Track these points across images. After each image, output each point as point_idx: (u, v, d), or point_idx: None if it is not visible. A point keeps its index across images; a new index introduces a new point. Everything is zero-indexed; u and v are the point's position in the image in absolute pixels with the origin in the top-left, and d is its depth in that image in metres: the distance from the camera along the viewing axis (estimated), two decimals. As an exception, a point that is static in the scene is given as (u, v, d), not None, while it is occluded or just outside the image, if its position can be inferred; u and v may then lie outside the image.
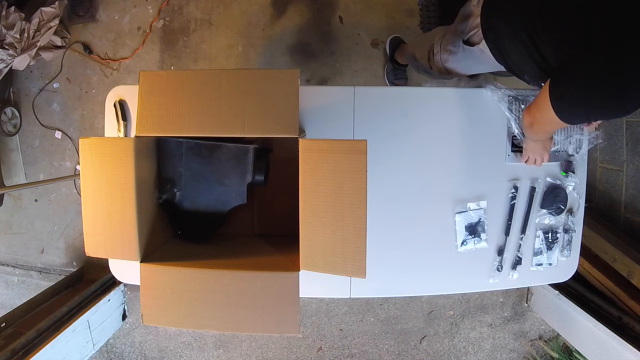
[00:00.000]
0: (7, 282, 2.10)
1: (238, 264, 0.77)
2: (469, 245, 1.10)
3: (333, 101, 1.07)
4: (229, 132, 0.74)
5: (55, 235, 2.03)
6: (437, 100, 1.09)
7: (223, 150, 0.91)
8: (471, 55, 1.03)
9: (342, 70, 1.88)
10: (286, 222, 1.00)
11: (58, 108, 1.96)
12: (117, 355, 2.08)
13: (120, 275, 1.09)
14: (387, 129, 1.08)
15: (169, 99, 0.75)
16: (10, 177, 1.97)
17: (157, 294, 0.77)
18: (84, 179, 0.78)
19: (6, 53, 1.56)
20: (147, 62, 1.91)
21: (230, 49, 1.89)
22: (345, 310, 2.02)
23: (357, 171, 0.70)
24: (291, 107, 0.74)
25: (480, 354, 2.05)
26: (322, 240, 0.72)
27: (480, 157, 1.10)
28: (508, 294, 2.02)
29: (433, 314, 2.03)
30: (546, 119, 0.78)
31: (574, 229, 1.12)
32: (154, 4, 1.89)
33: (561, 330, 1.81)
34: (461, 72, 1.18)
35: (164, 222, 0.91)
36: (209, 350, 2.05)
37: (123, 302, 1.97)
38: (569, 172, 1.10)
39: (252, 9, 1.87)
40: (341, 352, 2.04)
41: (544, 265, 1.13)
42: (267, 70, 0.76)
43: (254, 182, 0.93)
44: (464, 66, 1.14)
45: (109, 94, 1.07)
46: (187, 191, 0.92)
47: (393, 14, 1.86)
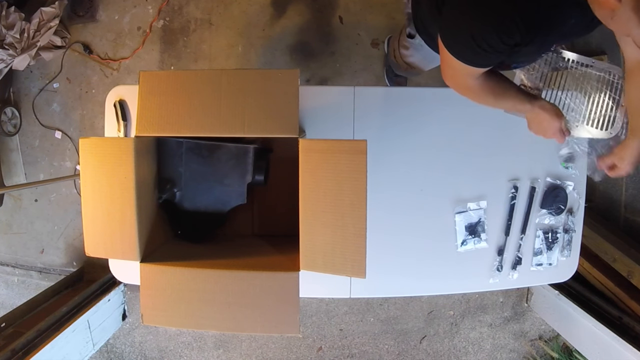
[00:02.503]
0: (7, 282, 2.10)
1: (238, 264, 0.77)
2: (469, 245, 1.10)
3: (333, 101, 1.07)
4: (229, 132, 0.74)
5: (55, 235, 2.03)
6: (437, 100, 1.09)
7: (223, 150, 0.91)
8: (419, 49, 1.10)
9: (342, 70, 1.88)
10: (286, 222, 1.00)
11: (58, 108, 1.96)
12: (117, 355, 2.08)
13: (120, 275, 1.09)
14: (387, 128, 1.08)
15: (169, 99, 0.75)
16: (10, 177, 1.97)
17: (157, 294, 0.77)
18: (84, 179, 0.78)
19: (6, 53, 1.56)
20: (147, 62, 1.91)
21: (230, 49, 1.89)
22: (345, 310, 2.02)
23: (357, 171, 0.70)
24: (291, 107, 0.74)
25: (480, 354, 2.05)
26: (322, 240, 0.72)
27: (480, 157, 1.10)
28: (508, 294, 2.02)
29: (433, 314, 2.03)
30: (449, 65, 0.76)
31: (574, 229, 1.12)
32: (154, 4, 1.89)
33: (561, 330, 1.81)
34: (420, 66, 1.26)
35: (164, 222, 0.91)
36: (209, 350, 2.05)
37: (123, 302, 1.97)
38: (570, 164, 1.10)
39: (252, 9, 1.87)
40: (341, 352, 2.04)
41: (544, 265, 1.13)
42: (267, 70, 0.76)
43: (254, 182, 0.93)
44: (420, 60, 1.22)
45: (109, 94, 1.07)
46: (187, 191, 0.92)
47: (393, 14, 1.86)
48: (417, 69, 1.31)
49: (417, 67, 1.28)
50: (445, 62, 0.77)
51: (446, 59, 0.75)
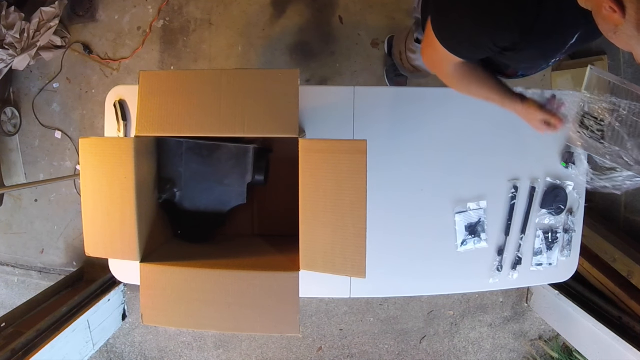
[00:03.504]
0: (7, 282, 2.10)
1: (238, 264, 0.77)
2: (469, 245, 1.10)
3: (333, 101, 1.07)
4: (229, 132, 0.74)
5: (55, 235, 2.03)
6: (437, 100, 1.09)
7: (223, 150, 0.91)
8: None
9: (342, 70, 1.88)
10: (286, 222, 1.00)
11: (58, 108, 1.96)
12: (117, 355, 2.08)
13: (120, 275, 1.09)
14: (387, 129, 1.08)
15: (169, 99, 0.75)
16: (10, 177, 1.97)
17: (157, 294, 0.77)
18: (84, 179, 0.78)
19: (6, 53, 1.56)
20: (147, 62, 1.91)
21: (230, 49, 1.89)
22: (345, 310, 2.02)
23: (357, 171, 0.70)
24: (291, 107, 0.74)
25: (480, 354, 2.05)
26: (322, 240, 0.72)
27: (480, 157, 1.10)
28: (508, 294, 2.02)
29: (433, 314, 2.03)
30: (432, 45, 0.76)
31: (574, 229, 1.12)
32: (154, 4, 1.89)
33: (561, 330, 1.81)
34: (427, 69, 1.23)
35: (164, 222, 0.91)
36: (209, 350, 2.05)
37: (123, 302, 1.97)
38: (570, 163, 1.10)
39: (252, 9, 1.87)
40: (341, 352, 2.04)
41: (544, 265, 1.13)
42: (267, 70, 0.76)
43: (254, 182, 0.93)
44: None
45: (109, 94, 1.07)
46: (187, 191, 0.92)
47: (393, 14, 1.86)
48: (423, 72, 1.33)
49: (423, 70, 1.29)
50: (429, 41, 0.77)
51: (430, 39, 0.75)
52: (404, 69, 1.42)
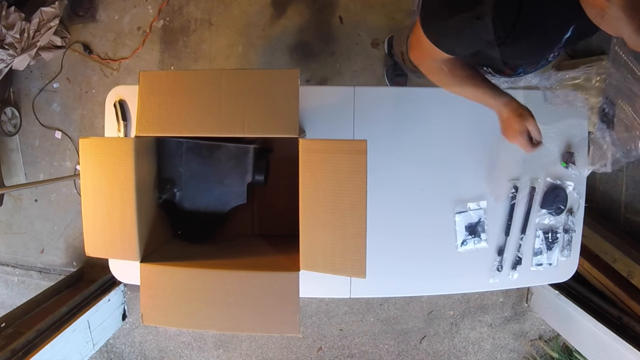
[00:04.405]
0: (7, 282, 2.10)
1: (238, 264, 0.77)
2: (469, 245, 1.10)
3: (333, 101, 1.07)
4: (229, 132, 0.74)
5: (55, 235, 2.03)
6: (437, 100, 1.09)
7: (223, 150, 0.91)
8: None
9: (342, 70, 1.88)
10: (286, 222, 1.00)
11: (58, 108, 1.96)
12: (117, 355, 2.08)
13: (120, 275, 1.09)
14: (387, 129, 1.08)
15: (169, 99, 0.75)
16: (10, 177, 1.97)
17: (157, 294, 0.77)
18: (84, 179, 0.78)
19: (6, 53, 1.56)
20: (147, 62, 1.91)
21: (230, 49, 1.89)
22: (345, 310, 2.02)
23: (357, 171, 0.70)
24: (291, 107, 0.74)
25: (480, 354, 2.05)
26: (322, 240, 0.72)
27: (480, 157, 1.10)
28: (508, 294, 2.02)
29: (433, 314, 2.03)
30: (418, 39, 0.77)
31: (574, 229, 1.12)
32: (154, 4, 1.89)
33: (561, 330, 1.81)
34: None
35: (164, 222, 0.91)
36: (209, 350, 2.05)
37: (123, 302, 1.97)
38: (570, 163, 1.10)
39: (252, 9, 1.87)
40: (341, 352, 2.04)
41: (544, 265, 1.13)
42: (267, 70, 0.76)
43: (254, 182, 0.93)
44: None
45: (109, 94, 1.07)
46: (187, 191, 0.92)
47: (393, 14, 1.86)
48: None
49: None
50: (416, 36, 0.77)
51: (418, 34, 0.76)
52: (407, 68, 1.41)
